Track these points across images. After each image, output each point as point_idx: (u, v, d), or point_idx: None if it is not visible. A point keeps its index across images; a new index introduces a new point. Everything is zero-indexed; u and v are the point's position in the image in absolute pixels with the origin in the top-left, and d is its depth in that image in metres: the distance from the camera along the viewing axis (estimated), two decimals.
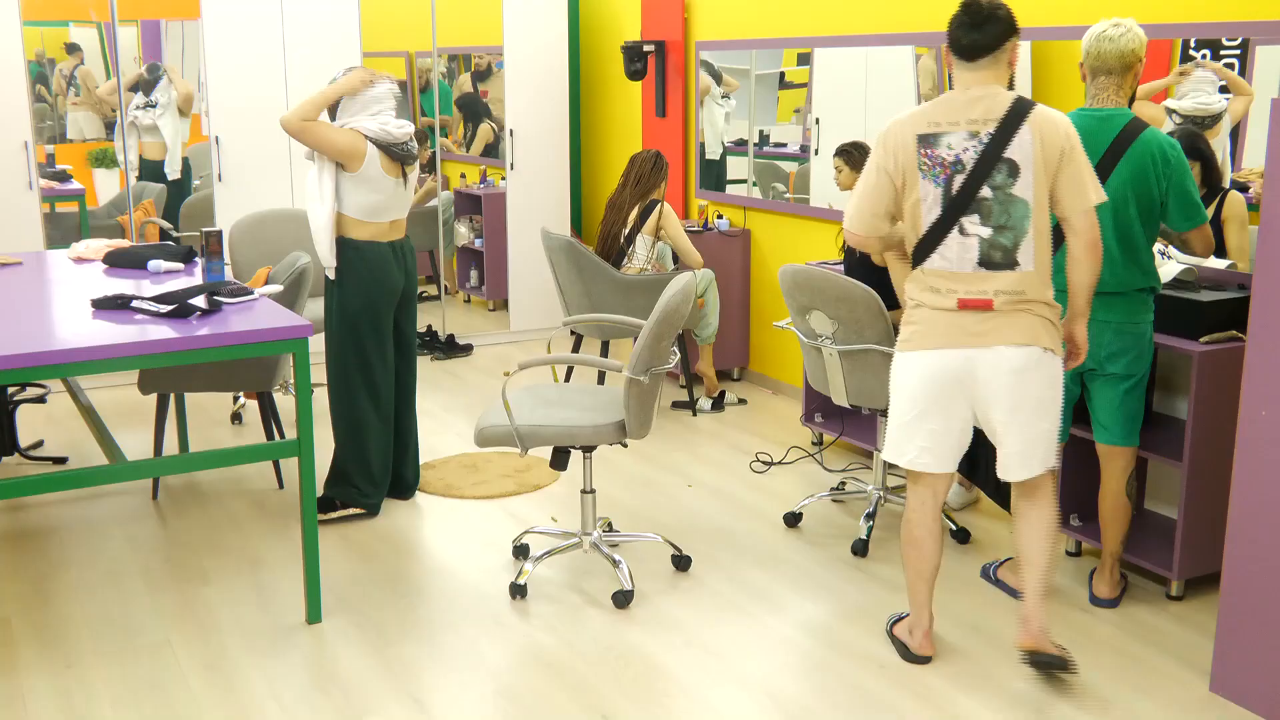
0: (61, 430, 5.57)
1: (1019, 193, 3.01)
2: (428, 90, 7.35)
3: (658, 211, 5.69)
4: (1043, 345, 3.07)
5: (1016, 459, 3.16)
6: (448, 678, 3.35)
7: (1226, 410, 3.60)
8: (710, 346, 5.94)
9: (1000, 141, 3.00)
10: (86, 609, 3.77)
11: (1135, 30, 3.41)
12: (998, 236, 3.03)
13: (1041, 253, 3.05)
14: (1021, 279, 3.04)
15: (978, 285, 3.06)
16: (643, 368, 3.67)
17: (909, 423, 3.20)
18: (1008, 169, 3.01)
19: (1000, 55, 3.05)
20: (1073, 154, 3.02)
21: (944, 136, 3.05)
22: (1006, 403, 3.09)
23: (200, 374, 4.48)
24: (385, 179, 4.25)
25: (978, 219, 3.04)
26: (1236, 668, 3.16)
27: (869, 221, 3.20)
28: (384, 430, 4.47)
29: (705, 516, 4.54)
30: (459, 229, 7.73)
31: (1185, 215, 3.45)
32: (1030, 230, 3.03)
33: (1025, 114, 3.01)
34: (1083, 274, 3.12)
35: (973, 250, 3.06)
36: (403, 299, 4.49)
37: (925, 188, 3.08)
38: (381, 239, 4.35)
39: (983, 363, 3.07)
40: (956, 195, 3.04)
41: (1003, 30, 3.03)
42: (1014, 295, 3.04)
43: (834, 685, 3.30)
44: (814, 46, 5.73)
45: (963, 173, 3.04)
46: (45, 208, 6.21)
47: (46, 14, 6.25)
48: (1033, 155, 3.00)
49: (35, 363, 3.15)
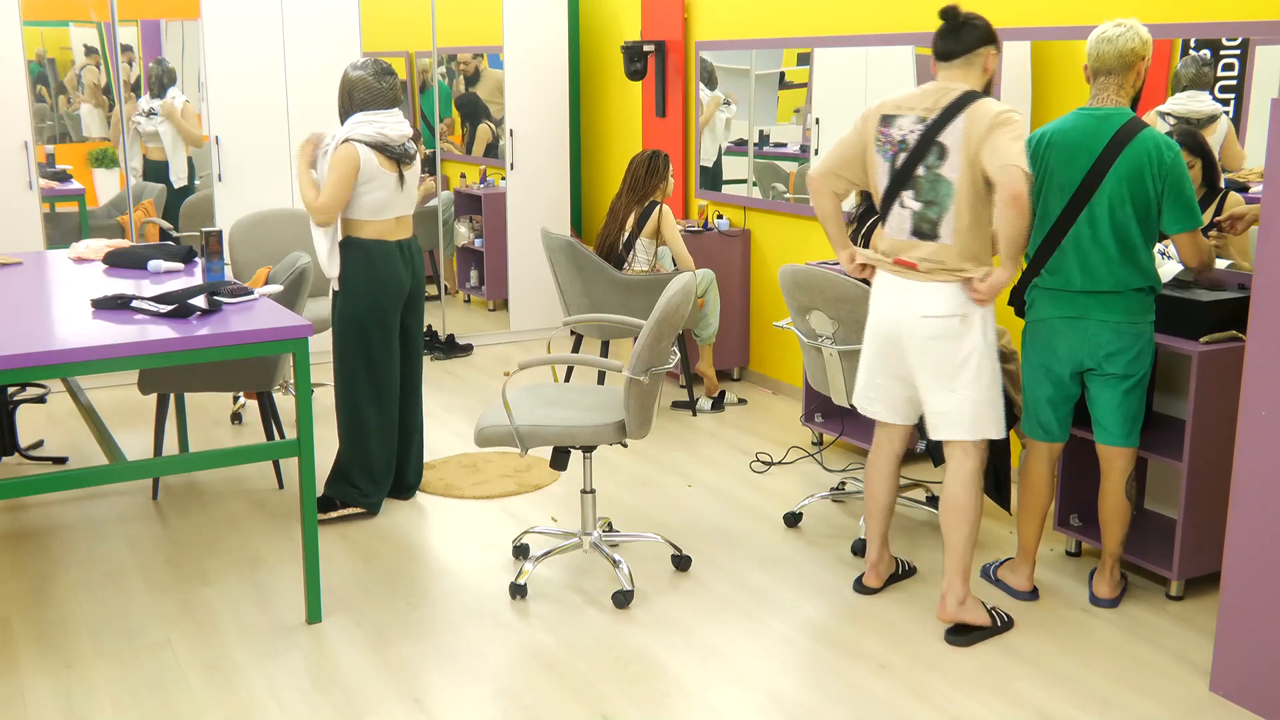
0: (61, 430, 5.57)
1: (945, 173, 3.32)
2: (427, 90, 7.35)
3: (657, 213, 5.68)
4: (960, 313, 3.35)
5: (936, 418, 3.48)
6: (448, 678, 3.35)
7: (1226, 410, 3.60)
8: (710, 346, 5.94)
9: (937, 127, 3.32)
10: (86, 609, 3.77)
11: (1136, 30, 3.41)
12: (926, 210, 3.38)
13: (961, 230, 3.32)
14: (940, 250, 3.36)
15: (909, 251, 3.42)
16: (643, 368, 3.67)
17: (864, 374, 3.65)
18: (938, 151, 3.33)
19: (973, 59, 3.37)
20: (997, 131, 3.22)
21: (899, 119, 3.41)
22: (927, 365, 3.42)
23: (200, 374, 4.48)
24: (384, 174, 4.26)
25: (912, 194, 3.40)
26: (1236, 668, 3.17)
27: (826, 173, 3.59)
28: (388, 430, 4.47)
29: (705, 516, 4.54)
30: (459, 229, 7.72)
31: (1176, 218, 3.42)
32: (952, 208, 3.32)
33: (966, 105, 3.29)
34: (1003, 225, 3.24)
35: (907, 221, 3.42)
36: (409, 299, 4.49)
37: (879, 162, 3.46)
38: (388, 237, 4.35)
39: (907, 330, 3.42)
40: (898, 171, 3.41)
41: (976, 39, 3.36)
42: (935, 263, 3.37)
43: (834, 685, 3.30)
44: (814, 46, 5.73)
45: (905, 151, 3.38)
46: (45, 208, 6.21)
47: (46, 14, 6.25)
48: (961, 140, 3.28)
49: (35, 363, 3.15)
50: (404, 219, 4.41)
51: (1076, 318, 3.51)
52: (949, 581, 3.53)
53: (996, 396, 3.45)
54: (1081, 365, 3.56)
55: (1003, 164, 3.19)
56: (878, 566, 3.83)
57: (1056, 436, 3.70)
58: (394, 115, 4.31)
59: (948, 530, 3.52)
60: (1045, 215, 3.52)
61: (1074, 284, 3.49)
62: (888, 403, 3.63)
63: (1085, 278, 3.47)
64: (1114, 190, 3.41)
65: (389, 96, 4.31)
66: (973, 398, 3.41)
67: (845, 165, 3.56)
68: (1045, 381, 3.63)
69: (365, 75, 4.27)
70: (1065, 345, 3.55)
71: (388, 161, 4.26)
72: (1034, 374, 3.65)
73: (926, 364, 3.42)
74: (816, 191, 3.62)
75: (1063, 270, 3.50)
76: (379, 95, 4.28)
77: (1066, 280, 3.50)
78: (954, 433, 3.46)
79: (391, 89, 4.32)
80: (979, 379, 3.41)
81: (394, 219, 4.36)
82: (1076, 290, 3.49)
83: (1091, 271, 3.46)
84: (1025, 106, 4.65)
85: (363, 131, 4.21)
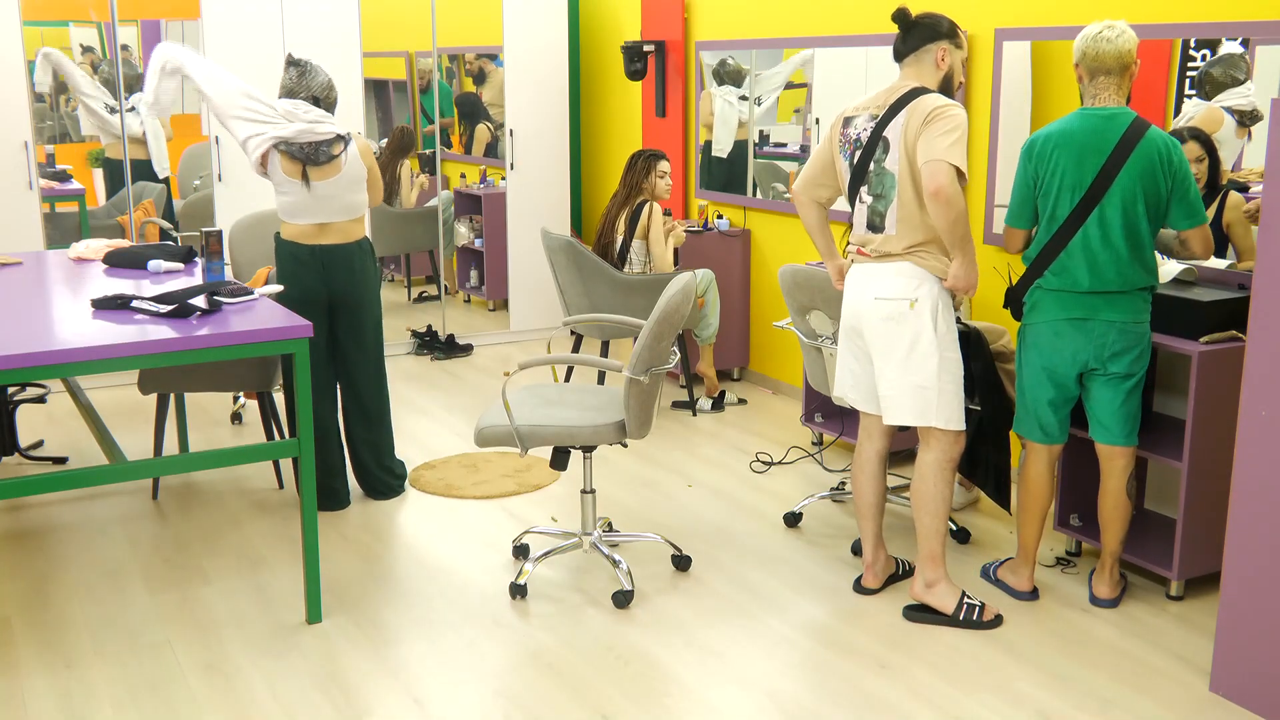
0: (61, 430, 5.57)
1: (889, 166, 3.47)
2: (428, 90, 7.35)
3: (646, 212, 5.69)
4: (910, 297, 3.46)
5: (885, 402, 3.59)
6: (448, 678, 3.35)
7: (1226, 410, 3.60)
8: (710, 346, 5.94)
9: (883, 123, 3.46)
10: (86, 609, 3.77)
11: (1129, 32, 3.47)
12: (876, 204, 3.52)
13: (905, 220, 3.45)
14: (886, 240, 3.50)
15: (867, 245, 3.57)
16: (643, 368, 3.67)
17: (840, 363, 3.77)
18: (883, 146, 3.47)
19: (922, 56, 3.51)
20: (931, 125, 3.33)
21: (856, 119, 3.57)
22: (879, 348, 3.54)
23: (200, 374, 4.48)
24: (287, 181, 4.27)
25: (866, 189, 3.54)
26: (1236, 668, 3.17)
27: (806, 184, 3.74)
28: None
29: (705, 516, 4.54)
30: (459, 229, 7.72)
31: (1187, 214, 3.47)
32: (895, 199, 3.46)
33: (909, 101, 3.41)
34: (934, 220, 3.37)
35: (864, 215, 3.57)
36: (332, 308, 4.44)
37: (841, 161, 3.62)
38: (302, 240, 4.35)
39: (865, 314, 3.56)
40: (855, 168, 3.55)
41: (921, 37, 3.50)
42: (883, 253, 3.52)
43: (834, 685, 3.30)
44: (814, 46, 5.73)
45: (860, 149, 3.53)
46: (45, 208, 6.21)
47: (46, 14, 6.25)
48: (900, 133, 3.41)
49: (35, 363, 3.15)
50: (327, 225, 4.34)
51: (1084, 319, 3.51)
52: (918, 565, 3.67)
53: (949, 387, 3.52)
54: (1086, 366, 3.56)
55: (926, 159, 3.32)
56: (874, 567, 3.85)
57: (1056, 438, 3.70)
58: (301, 107, 4.27)
59: (915, 518, 3.65)
60: (1053, 217, 3.52)
61: (1081, 285, 3.49)
62: (861, 389, 3.71)
63: (1093, 278, 3.47)
64: (1127, 189, 3.42)
65: (286, 88, 4.32)
66: (917, 382, 3.49)
67: (822, 173, 3.70)
68: (1047, 383, 3.63)
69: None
70: (1071, 347, 3.55)
71: (290, 164, 4.26)
72: (1035, 376, 3.65)
73: (877, 345, 3.55)
74: (801, 205, 3.76)
75: (1069, 271, 3.50)
76: (281, 87, 4.33)
77: (1073, 281, 3.50)
78: (899, 416, 3.55)
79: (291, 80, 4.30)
80: (925, 365, 3.48)
81: (311, 225, 4.33)
82: (1084, 291, 3.49)
83: (1100, 272, 3.46)
84: (1025, 106, 4.65)
85: (276, 133, 4.23)
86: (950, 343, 3.51)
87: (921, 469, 3.61)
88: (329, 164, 4.28)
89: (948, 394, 3.52)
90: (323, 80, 4.33)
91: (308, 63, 4.33)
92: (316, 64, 4.36)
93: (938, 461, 3.58)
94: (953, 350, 3.52)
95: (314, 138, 4.24)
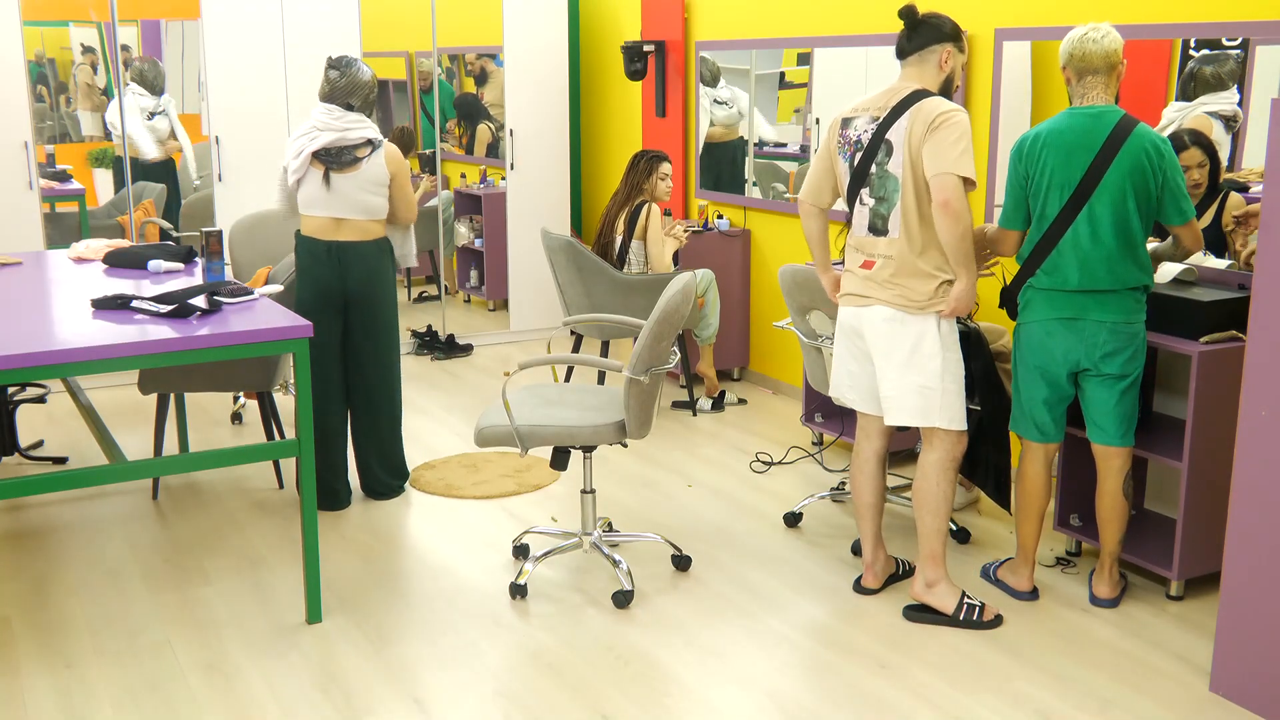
0: (61, 430, 5.57)
1: (892, 169, 3.44)
2: (429, 91, 7.35)
3: (645, 213, 5.69)
4: (910, 306, 3.45)
5: (887, 403, 3.58)
6: (448, 678, 3.35)
7: (1226, 410, 3.60)
8: (710, 346, 5.94)
9: (886, 125, 3.44)
10: (86, 609, 3.77)
11: (1114, 33, 3.50)
12: (878, 207, 3.50)
13: (909, 224, 3.43)
14: (890, 244, 3.48)
15: (869, 249, 3.55)
16: (643, 368, 3.67)
17: (837, 363, 3.76)
18: (886, 149, 3.45)
19: (926, 57, 3.49)
20: (938, 133, 3.33)
21: (855, 120, 3.54)
22: (881, 349, 3.54)
23: (200, 374, 4.48)
24: (310, 171, 4.32)
25: (868, 191, 3.52)
26: (1236, 668, 3.17)
27: (811, 190, 3.72)
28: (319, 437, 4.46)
29: (705, 516, 4.54)
30: (459, 229, 7.72)
31: (1176, 210, 3.49)
32: (899, 203, 3.43)
33: (912, 103, 3.40)
34: (940, 232, 3.37)
35: (865, 218, 3.54)
36: (347, 305, 4.45)
37: (840, 164, 3.60)
38: (320, 236, 4.37)
39: (865, 319, 3.55)
40: (856, 170, 3.53)
41: (927, 37, 3.48)
42: (887, 258, 3.49)
43: (834, 685, 3.30)
44: (814, 46, 5.73)
45: (861, 150, 3.51)
46: (45, 208, 6.21)
47: (46, 14, 6.25)
48: (904, 137, 3.40)
49: (35, 363, 3.15)
50: (344, 222, 4.37)
51: (1073, 319, 3.52)
52: (918, 565, 3.67)
53: (951, 387, 3.52)
54: (1078, 366, 3.56)
55: (935, 171, 3.32)
56: (874, 567, 3.85)
57: (1052, 437, 3.71)
58: (334, 113, 4.34)
59: (916, 518, 3.65)
60: (1043, 215, 3.53)
61: (1071, 283, 3.49)
62: (860, 389, 3.71)
63: (1083, 277, 3.47)
64: (1116, 186, 3.43)
65: (324, 92, 4.37)
66: (920, 383, 3.49)
67: (825, 176, 3.68)
68: (1041, 383, 3.64)
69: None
70: (1062, 346, 3.55)
71: (316, 162, 4.33)
72: (1029, 375, 3.66)
73: (879, 346, 3.54)
74: (805, 214, 3.74)
75: (1060, 270, 3.51)
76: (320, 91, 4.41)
77: (1063, 280, 3.50)
78: (902, 417, 3.55)
79: (330, 83, 4.35)
80: (928, 365, 3.48)
81: (328, 220, 4.37)
82: (1073, 290, 3.50)
83: (1090, 270, 3.47)
84: (1025, 107, 4.66)
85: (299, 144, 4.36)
86: (952, 343, 3.52)
87: (924, 469, 3.61)
88: (351, 165, 4.34)
89: (950, 394, 3.52)
90: (363, 80, 4.36)
91: (350, 64, 4.35)
92: (359, 64, 4.37)
93: (940, 461, 3.58)
94: (954, 350, 3.52)
95: (344, 144, 4.32)
